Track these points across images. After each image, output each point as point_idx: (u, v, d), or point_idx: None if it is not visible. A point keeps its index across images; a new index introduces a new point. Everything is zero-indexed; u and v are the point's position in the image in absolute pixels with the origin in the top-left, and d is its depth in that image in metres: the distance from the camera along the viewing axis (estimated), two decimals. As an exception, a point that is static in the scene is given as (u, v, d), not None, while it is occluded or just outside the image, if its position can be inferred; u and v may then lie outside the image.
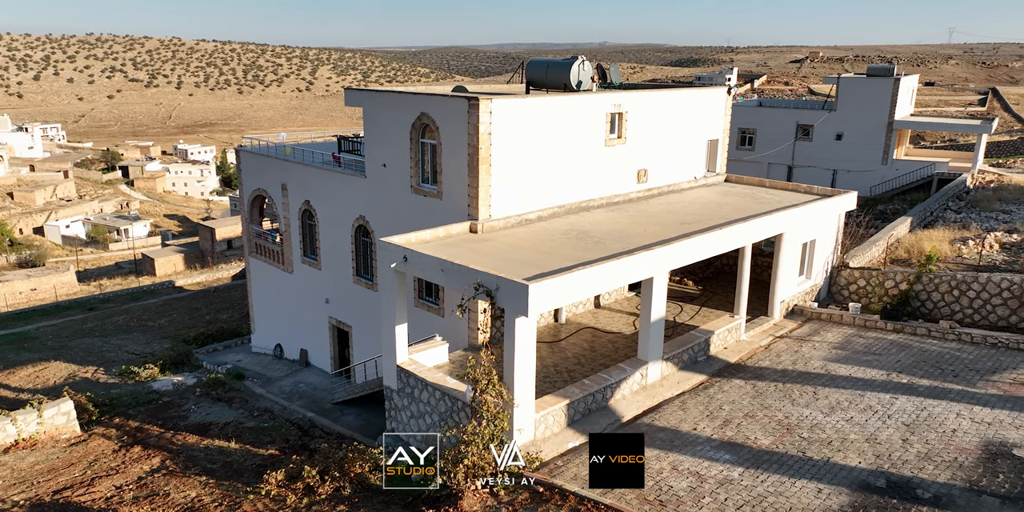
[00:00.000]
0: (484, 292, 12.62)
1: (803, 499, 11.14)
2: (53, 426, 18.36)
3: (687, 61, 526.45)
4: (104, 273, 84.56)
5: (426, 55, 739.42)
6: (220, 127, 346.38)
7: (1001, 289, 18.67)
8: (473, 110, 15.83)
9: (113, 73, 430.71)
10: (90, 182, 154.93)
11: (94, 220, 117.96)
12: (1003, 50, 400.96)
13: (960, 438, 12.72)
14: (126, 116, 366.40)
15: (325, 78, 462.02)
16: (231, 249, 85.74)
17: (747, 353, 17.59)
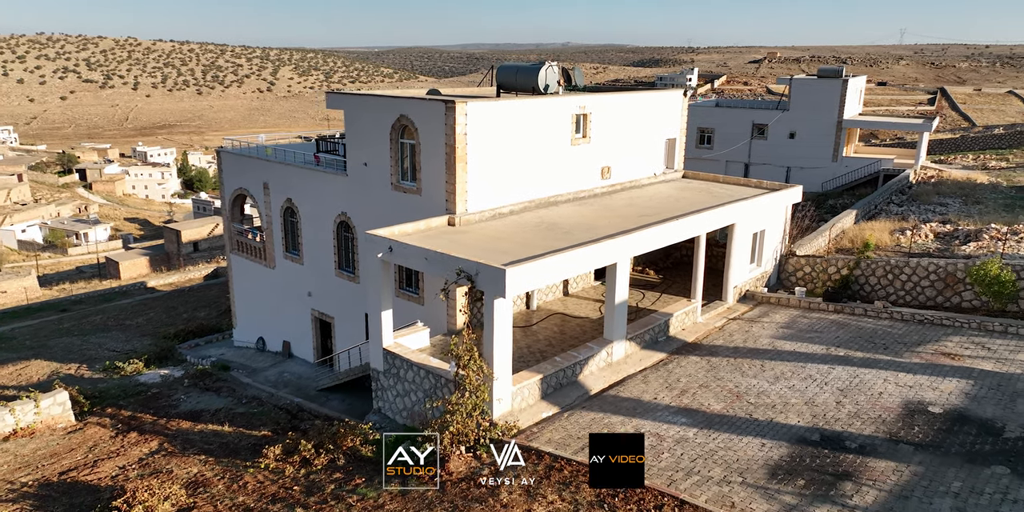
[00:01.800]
0: (465, 277, 13.99)
1: (748, 452, 12.73)
2: (49, 416, 19.21)
3: (649, 61, 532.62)
4: (65, 277, 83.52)
5: (389, 55, 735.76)
6: (179, 129, 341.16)
7: (928, 273, 20.61)
8: (450, 112, 17.18)
9: (66, 74, 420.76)
10: (46, 185, 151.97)
11: (51, 224, 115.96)
12: (951, 51, 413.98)
13: (885, 399, 14.46)
14: (81, 118, 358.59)
15: (287, 79, 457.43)
16: (197, 251, 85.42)
17: (703, 333, 19.23)
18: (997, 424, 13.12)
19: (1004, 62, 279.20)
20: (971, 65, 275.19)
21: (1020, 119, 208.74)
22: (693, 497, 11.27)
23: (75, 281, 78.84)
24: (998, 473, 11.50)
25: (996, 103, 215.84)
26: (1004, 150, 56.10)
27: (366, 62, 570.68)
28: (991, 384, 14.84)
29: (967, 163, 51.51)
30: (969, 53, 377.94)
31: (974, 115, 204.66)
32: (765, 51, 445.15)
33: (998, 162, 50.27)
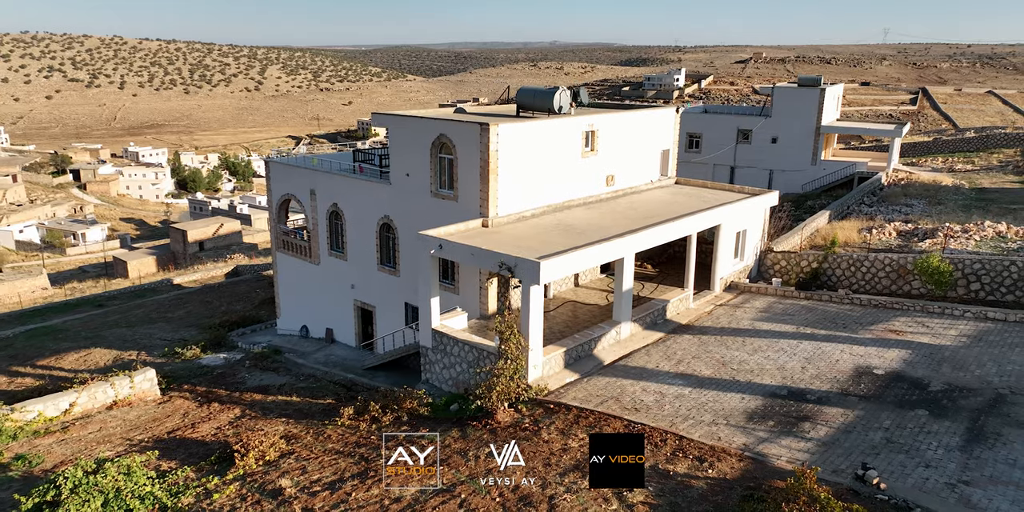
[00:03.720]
0: (507, 268, 17.51)
1: (731, 404, 16.32)
2: (141, 390, 22.53)
3: (636, 61, 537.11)
4: (71, 277, 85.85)
5: (377, 54, 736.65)
6: (168, 128, 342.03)
7: (884, 265, 24.32)
8: (484, 133, 20.67)
9: (51, 73, 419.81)
10: (40, 186, 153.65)
11: (48, 225, 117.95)
12: (934, 50, 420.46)
13: (840, 365, 18.11)
14: (68, 117, 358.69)
15: (275, 78, 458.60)
16: (203, 250, 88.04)
17: (695, 317, 22.84)
18: (924, 381, 16.79)
19: (984, 62, 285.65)
20: (952, 65, 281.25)
21: (999, 118, 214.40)
22: (689, 434, 14.84)
23: (83, 280, 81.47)
24: (920, 415, 15.15)
25: (976, 103, 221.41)
26: (972, 153, 60.19)
27: (354, 61, 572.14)
28: (925, 353, 18.53)
29: (936, 165, 55.53)
30: (951, 53, 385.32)
31: (955, 115, 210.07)
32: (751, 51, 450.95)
33: (964, 164, 54.31)
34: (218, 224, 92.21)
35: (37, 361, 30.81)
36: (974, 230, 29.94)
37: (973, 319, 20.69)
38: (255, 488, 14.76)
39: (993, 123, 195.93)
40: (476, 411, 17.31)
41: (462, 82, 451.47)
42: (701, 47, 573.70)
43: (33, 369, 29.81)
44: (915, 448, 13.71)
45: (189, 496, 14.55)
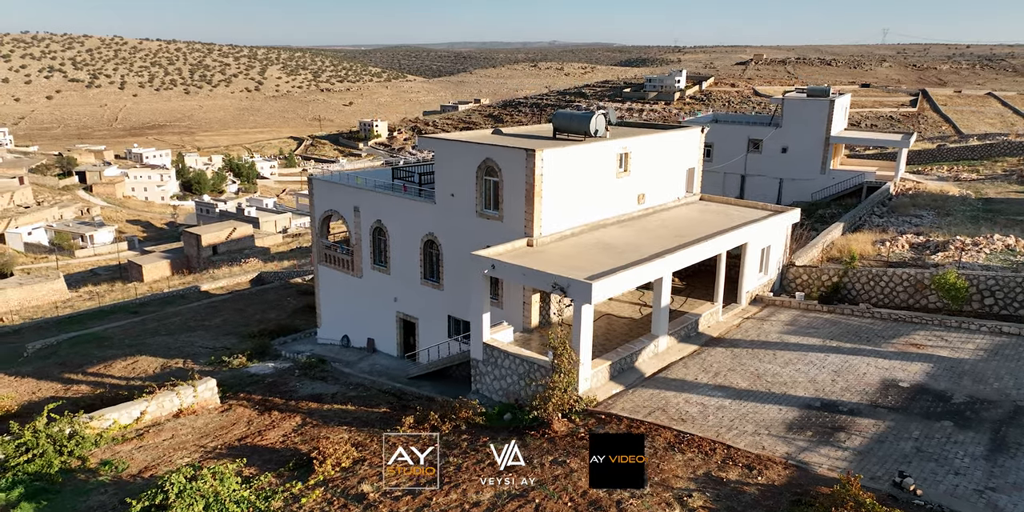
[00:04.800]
0: (559, 288, 18.89)
1: (770, 415, 17.72)
2: (203, 399, 23.88)
3: (636, 61, 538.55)
4: (82, 280, 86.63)
5: (376, 54, 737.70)
6: (169, 129, 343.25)
7: (902, 280, 25.73)
8: (530, 158, 22.06)
9: (52, 73, 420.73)
10: (47, 188, 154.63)
11: (56, 227, 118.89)
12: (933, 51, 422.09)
13: (868, 378, 19.51)
14: (69, 118, 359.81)
15: (275, 78, 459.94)
16: (216, 254, 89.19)
17: (724, 330, 24.24)
18: (947, 394, 18.19)
19: (984, 64, 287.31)
20: (952, 67, 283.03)
21: (999, 120, 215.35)
22: (735, 443, 16.23)
23: (97, 283, 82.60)
24: (945, 426, 16.56)
25: (976, 105, 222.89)
26: (976, 161, 61.62)
27: (354, 61, 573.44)
28: (946, 366, 19.94)
29: (942, 174, 56.95)
30: (950, 53, 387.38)
31: (955, 117, 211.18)
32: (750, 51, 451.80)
33: (970, 173, 55.73)
34: (231, 228, 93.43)
35: (87, 368, 32.15)
36: (984, 243, 31.34)
37: (989, 333, 22.11)
38: (339, 493, 16.15)
39: (993, 125, 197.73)
40: (531, 421, 18.68)
41: (463, 83, 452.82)
42: (700, 47, 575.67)
43: (84, 376, 31.15)
44: (944, 457, 15.11)
45: (278, 500, 15.94)
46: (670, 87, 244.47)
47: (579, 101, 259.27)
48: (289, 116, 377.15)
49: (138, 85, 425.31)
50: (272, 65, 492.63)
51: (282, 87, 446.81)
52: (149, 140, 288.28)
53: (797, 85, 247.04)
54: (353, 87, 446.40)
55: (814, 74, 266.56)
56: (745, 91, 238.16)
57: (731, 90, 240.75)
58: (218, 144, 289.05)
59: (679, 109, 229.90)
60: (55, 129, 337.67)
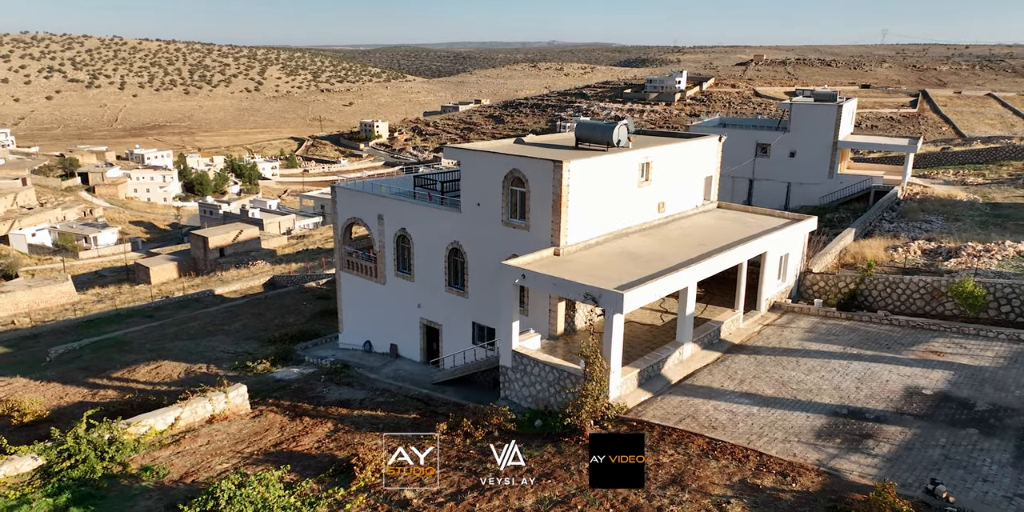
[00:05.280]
0: (591, 298, 19.36)
1: (798, 422, 18.19)
2: (235, 404, 24.29)
3: (635, 61, 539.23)
4: (89, 282, 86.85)
5: (376, 54, 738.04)
6: (169, 129, 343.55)
7: (918, 287, 26.22)
8: (558, 169, 22.51)
9: (51, 73, 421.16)
10: (49, 189, 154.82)
11: (60, 228, 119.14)
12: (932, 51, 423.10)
13: (891, 385, 19.99)
14: (69, 118, 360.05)
15: (274, 78, 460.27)
16: (223, 257, 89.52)
17: (746, 337, 24.71)
18: (970, 402, 18.68)
19: (984, 64, 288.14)
20: (952, 67, 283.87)
21: (999, 121, 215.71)
22: (767, 450, 16.70)
23: (104, 285, 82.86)
24: (971, 433, 17.04)
25: (976, 106, 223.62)
26: (981, 165, 62.15)
27: (353, 61, 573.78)
28: (966, 374, 20.42)
29: (948, 178, 57.44)
30: (949, 53, 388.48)
31: (955, 118, 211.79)
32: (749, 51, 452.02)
33: (975, 178, 56.23)
34: (237, 230, 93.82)
35: (111, 373, 32.56)
36: (996, 250, 31.84)
37: (1007, 341, 22.60)
38: (382, 499, 16.61)
39: (993, 126, 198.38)
40: (564, 428, 19.15)
41: (463, 83, 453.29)
42: (700, 47, 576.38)
43: (109, 381, 31.57)
44: (971, 464, 15.59)
45: (323, 506, 16.40)
46: (671, 88, 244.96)
47: (580, 102, 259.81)
48: (289, 116, 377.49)
49: (138, 85, 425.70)
50: (272, 65, 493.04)
51: (282, 87, 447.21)
52: (149, 140, 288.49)
53: (798, 86, 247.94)
54: (353, 87, 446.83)
55: (814, 75, 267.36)
56: (746, 92, 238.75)
57: (732, 91, 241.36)
58: (218, 145, 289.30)
59: (679, 110, 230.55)
60: (55, 129, 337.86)
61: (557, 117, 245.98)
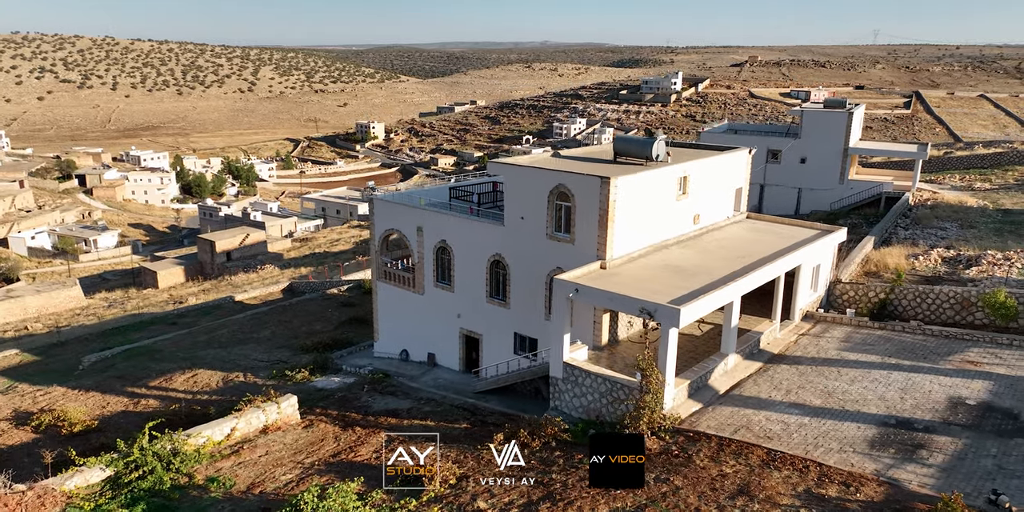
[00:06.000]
0: (647, 313, 19.99)
1: (850, 432, 18.88)
2: (286, 415, 24.78)
3: (629, 62, 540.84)
4: (94, 285, 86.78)
5: (369, 54, 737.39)
6: (163, 130, 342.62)
7: (948, 298, 27.00)
8: (605, 185, 23.15)
9: (43, 74, 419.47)
10: (47, 192, 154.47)
11: (60, 231, 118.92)
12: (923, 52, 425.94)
13: (934, 395, 20.71)
14: (62, 119, 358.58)
15: (268, 79, 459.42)
16: (230, 260, 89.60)
17: (784, 347, 25.41)
18: (1015, 411, 19.43)
19: (976, 65, 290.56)
20: (944, 68, 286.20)
21: (991, 122, 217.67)
22: (825, 461, 17.37)
23: (111, 290, 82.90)
24: (1020, 443, 17.77)
25: (969, 106, 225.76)
26: (987, 170, 63.16)
27: (347, 61, 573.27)
28: (1006, 384, 21.18)
29: (955, 183, 58.40)
30: (940, 54, 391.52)
31: (948, 119, 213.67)
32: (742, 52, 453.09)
33: (983, 183, 57.21)
34: (244, 234, 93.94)
35: (148, 382, 32.99)
36: (1015, 258, 32.68)
37: (1040, 350, 23.40)
38: (455, 509, 17.18)
39: (986, 127, 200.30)
40: (625, 438, 19.74)
41: (457, 84, 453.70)
42: (693, 48, 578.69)
43: (148, 390, 32.01)
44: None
45: (400, 517, 16.95)
46: (666, 89, 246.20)
47: (575, 103, 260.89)
48: (283, 117, 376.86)
49: (130, 86, 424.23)
50: (265, 66, 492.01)
51: (275, 88, 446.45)
52: (143, 141, 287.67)
53: (792, 87, 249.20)
54: (347, 88, 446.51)
55: (809, 76, 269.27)
56: (741, 93, 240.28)
57: (727, 92, 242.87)
58: (213, 146, 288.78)
59: (675, 111, 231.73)
60: (48, 131, 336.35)
61: (553, 118, 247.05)
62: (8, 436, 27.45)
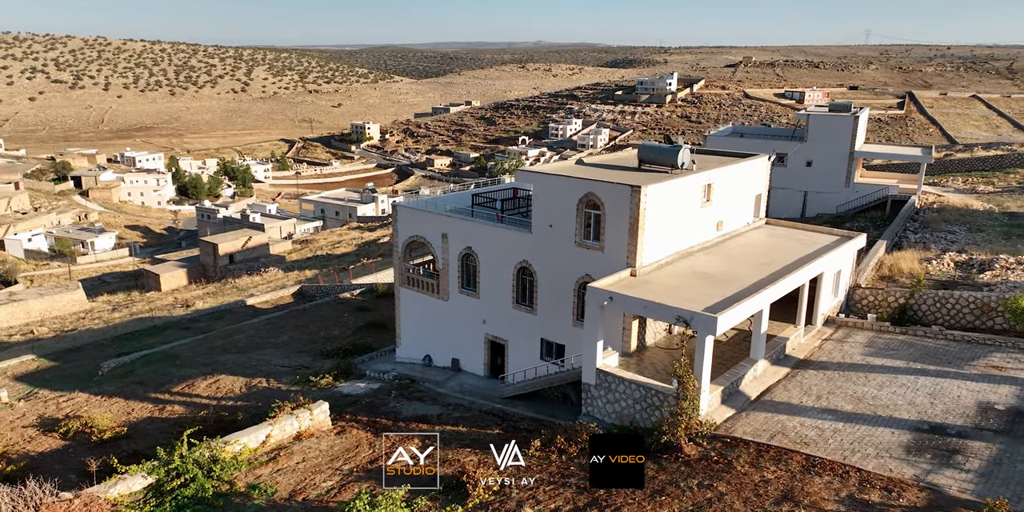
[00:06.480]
0: (683, 321, 20.34)
1: (884, 437, 19.27)
2: (318, 421, 25.02)
3: (622, 62, 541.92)
4: (94, 288, 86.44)
5: (362, 55, 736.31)
6: (157, 131, 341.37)
7: (968, 303, 27.46)
8: (635, 194, 23.48)
9: (34, 74, 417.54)
10: (42, 193, 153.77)
11: (56, 233, 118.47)
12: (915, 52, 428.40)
13: (963, 400, 21.14)
14: (54, 120, 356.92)
15: (261, 79, 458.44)
16: (233, 263, 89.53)
17: (808, 352, 25.81)
18: (1043, 416, 19.86)
19: (968, 66, 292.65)
20: (937, 69, 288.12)
21: (984, 123, 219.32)
22: (864, 466, 17.75)
23: (113, 292, 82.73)
24: (1051, 447, 18.19)
25: (961, 107, 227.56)
26: (988, 173, 63.84)
27: (340, 62, 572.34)
28: (1032, 388, 21.62)
29: (958, 186, 59.04)
30: (931, 54, 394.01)
31: (941, 119, 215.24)
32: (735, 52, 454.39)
33: (985, 186, 57.87)
34: (247, 237, 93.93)
35: (170, 388, 33.12)
36: (1028, 262, 33.17)
37: (1062, 355, 23.87)
38: (503, 516, 17.46)
39: (978, 127, 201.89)
40: (660, 445, 20.08)
41: (451, 84, 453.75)
42: (686, 48, 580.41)
43: (171, 396, 32.15)
44: (1061, 478, 16.72)
45: (447, 523, 17.23)
46: (661, 90, 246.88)
47: (571, 104, 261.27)
48: (277, 117, 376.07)
49: (123, 86, 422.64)
50: (258, 66, 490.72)
51: (269, 88, 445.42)
52: (137, 142, 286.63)
53: (787, 88, 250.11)
54: (341, 88, 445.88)
55: (803, 77, 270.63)
56: (736, 94, 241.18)
57: (722, 92, 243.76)
58: (207, 146, 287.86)
59: (671, 112, 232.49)
60: (40, 131, 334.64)
61: (548, 119, 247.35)
62: (37, 443, 27.55)
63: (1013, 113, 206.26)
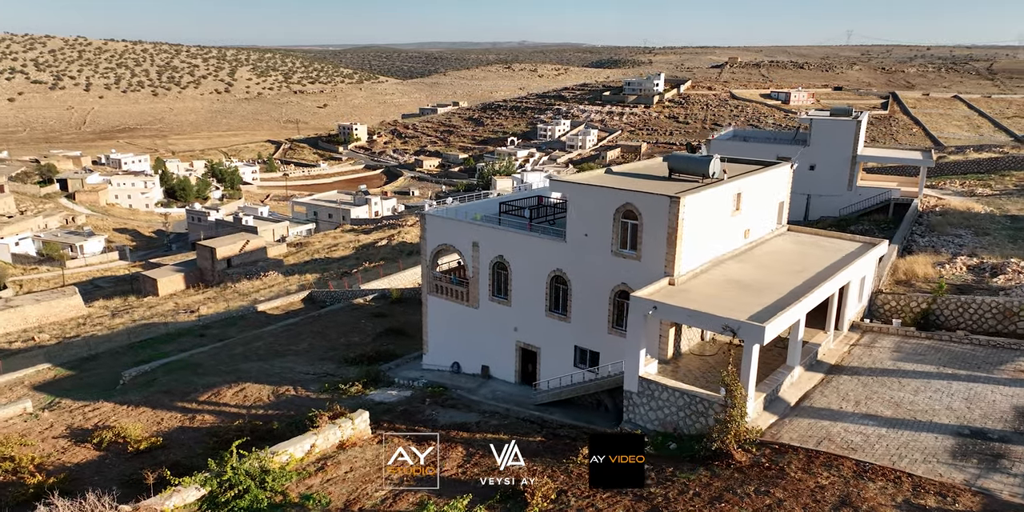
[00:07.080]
0: (730, 330, 20.81)
1: (928, 442, 19.84)
2: (359, 430, 25.27)
3: (607, 62, 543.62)
4: (88, 293, 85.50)
5: (347, 55, 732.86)
6: (141, 132, 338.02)
7: (991, 308, 28.18)
8: (674, 204, 23.93)
9: (13, 74, 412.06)
10: (28, 196, 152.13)
11: (44, 237, 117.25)
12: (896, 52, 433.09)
13: (999, 405, 21.77)
14: (35, 121, 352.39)
15: (245, 79, 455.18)
16: (231, 267, 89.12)
17: (839, 357, 26.38)
18: (1079, 420, 20.51)
19: (949, 67, 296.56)
20: (919, 70, 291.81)
21: (966, 123, 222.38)
22: (914, 471, 18.28)
23: (110, 297, 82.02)
24: (1091, 451, 18.82)
25: (943, 107, 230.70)
26: (984, 175, 65.04)
27: (325, 62, 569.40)
28: (1063, 392, 22.30)
29: (956, 189, 60.13)
30: (912, 54, 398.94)
31: (924, 119, 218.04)
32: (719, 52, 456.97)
33: (983, 188, 58.98)
34: (244, 240, 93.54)
35: (196, 397, 33.12)
36: (1039, 266, 33.99)
37: (1087, 359, 24.59)
38: (566, 525, 17.80)
39: (960, 127, 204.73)
40: (709, 452, 20.51)
41: (436, 84, 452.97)
42: (670, 48, 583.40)
43: (199, 405, 32.16)
44: (1107, 481, 17.34)
45: (515, 533, 17.55)
46: (649, 90, 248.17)
47: (559, 104, 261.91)
48: (263, 118, 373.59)
49: (104, 87, 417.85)
50: (242, 66, 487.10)
51: (252, 89, 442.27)
52: (121, 144, 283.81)
53: (772, 88, 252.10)
54: (326, 88, 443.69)
55: (788, 77, 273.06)
56: (722, 94, 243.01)
57: (708, 93, 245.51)
58: (192, 148, 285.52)
59: (659, 112, 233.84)
60: (20, 133, 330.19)
61: (537, 119, 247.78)
62: (72, 454, 27.52)
63: (994, 113, 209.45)
